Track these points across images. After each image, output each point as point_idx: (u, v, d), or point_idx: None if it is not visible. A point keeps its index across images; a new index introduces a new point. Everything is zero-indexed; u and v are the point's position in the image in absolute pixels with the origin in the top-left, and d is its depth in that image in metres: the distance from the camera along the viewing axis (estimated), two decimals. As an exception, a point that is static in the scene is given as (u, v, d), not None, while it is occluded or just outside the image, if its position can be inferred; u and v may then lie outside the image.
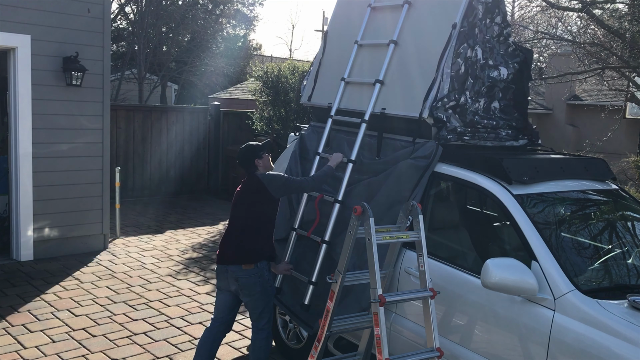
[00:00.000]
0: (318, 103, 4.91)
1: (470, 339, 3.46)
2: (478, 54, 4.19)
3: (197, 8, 21.75)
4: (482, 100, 4.30)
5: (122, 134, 11.37)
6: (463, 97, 4.12)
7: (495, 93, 4.39)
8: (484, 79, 4.28)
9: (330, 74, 4.89)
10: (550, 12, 12.56)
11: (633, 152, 16.56)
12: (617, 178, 7.13)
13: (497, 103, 4.42)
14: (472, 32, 4.16)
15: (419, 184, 3.93)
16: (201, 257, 7.77)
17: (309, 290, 4.24)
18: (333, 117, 4.62)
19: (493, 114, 4.38)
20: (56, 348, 4.86)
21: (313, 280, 4.23)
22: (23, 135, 7.00)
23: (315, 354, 3.73)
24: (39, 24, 7.01)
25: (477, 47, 4.19)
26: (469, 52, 4.12)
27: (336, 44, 4.96)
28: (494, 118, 4.36)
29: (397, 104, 4.21)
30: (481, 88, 4.28)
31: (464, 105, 4.12)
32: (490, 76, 4.33)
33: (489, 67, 4.33)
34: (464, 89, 4.13)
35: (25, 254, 7.16)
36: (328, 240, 4.22)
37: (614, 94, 15.21)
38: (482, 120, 4.25)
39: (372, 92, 4.35)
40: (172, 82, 24.37)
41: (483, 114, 4.31)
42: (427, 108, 3.97)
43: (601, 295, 3.08)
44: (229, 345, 5.09)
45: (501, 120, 4.39)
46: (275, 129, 11.63)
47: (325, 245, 4.22)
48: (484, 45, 4.28)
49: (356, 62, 4.68)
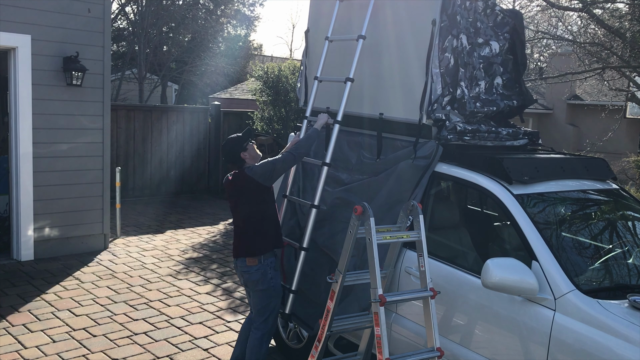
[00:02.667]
0: (314, 107, 4.92)
1: (471, 338, 3.46)
2: (463, 41, 4.09)
3: (197, 8, 21.76)
4: (482, 83, 4.22)
5: (122, 134, 11.38)
6: (459, 89, 4.05)
7: (495, 70, 4.31)
8: (473, 63, 4.18)
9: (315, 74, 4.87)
10: (551, 11, 12.55)
11: (633, 151, 16.56)
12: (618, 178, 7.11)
13: (500, 79, 4.33)
14: (453, 22, 4.05)
15: (420, 184, 3.93)
16: (201, 257, 7.77)
17: (290, 299, 4.21)
18: (308, 118, 4.58)
19: (496, 91, 4.30)
20: (57, 348, 4.86)
21: (293, 288, 4.20)
22: (23, 135, 7.00)
23: (316, 354, 3.73)
24: (40, 23, 7.01)
25: (462, 35, 4.08)
26: (454, 43, 4.02)
27: (318, 42, 4.83)
28: (496, 100, 4.28)
29: (395, 108, 4.17)
30: (474, 72, 4.19)
31: (461, 98, 4.06)
32: (482, 55, 4.22)
33: (479, 46, 4.22)
34: (457, 80, 4.06)
35: (26, 254, 7.16)
36: (306, 247, 4.17)
37: (614, 94, 15.20)
38: (483, 108, 4.17)
39: (344, 90, 4.24)
40: (172, 82, 24.38)
41: (485, 96, 4.23)
42: (424, 113, 3.95)
43: (601, 295, 3.08)
44: (229, 345, 5.09)
45: (504, 100, 4.32)
46: (275, 128, 11.63)
47: (303, 253, 4.18)
48: (468, 31, 4.16)
49: (330, 59, 4.57)
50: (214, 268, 7.32)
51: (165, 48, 22.15)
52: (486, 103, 4.24)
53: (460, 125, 4.00)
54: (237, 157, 4.10)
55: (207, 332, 5.35)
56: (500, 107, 4.30)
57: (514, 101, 4.43)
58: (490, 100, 4.28)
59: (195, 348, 5.00)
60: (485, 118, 4.32)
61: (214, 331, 5.38)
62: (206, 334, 5.31)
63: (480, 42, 4.24)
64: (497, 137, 4.30)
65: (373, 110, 4.31)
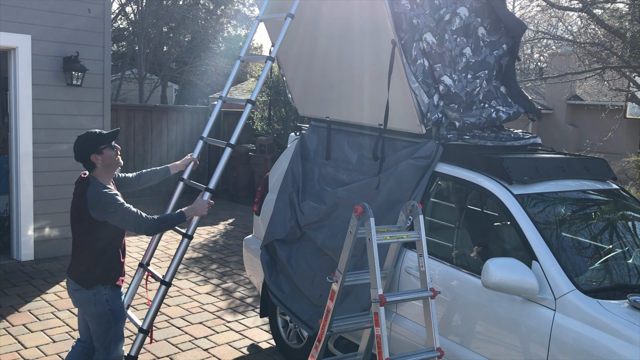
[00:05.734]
0: (314, 117, 4.99)
1: (471, 338, 3.46)
2: (429, 39, 3.96)
3: (197, 8, 21.76)
4: (466, 50, 4.14)
5: (122, 134, 11.37)
6: (441, 85, 4.00)
7: (473, 28, 4.21)
8: (448, 46, 4.07)
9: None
10: (551, 12, 12.55)
11: (633, 151, 16.55)
12: (618, 178, 7.12)
13: (483, 29, 4.23)
14: (413, 28, 3.87)
15: (420, 184, 3.93)
16: (201, 257, 7.77)
17: (138, 340, 3.83)
18: (223, 99, 4.56)
19: (483, 43, 4.23)
20: (57, 348, 4.86)
21: (144, 327, 3.84)
22: (23, 135, 7.00)
23: (316, 354, 3.73)
24: (40, 24, 7.01)
25: (425, 34, 3.93)
26: (421, 46, 3.91)
27: None
28: (486, 57, 4.21)
29: (395, 120, 4.12)
30: (452, 53, 4.08)
31: (447, 92, 4.02)
32: (455, 29, 4.10)
33: (448, 24, 4.06)
34: (439, 78, 4.00)
35: (26, 254, 7.16)
36: (167, 282, 3.87)
37: (614, 94, 15.19)
38: (476, 78, 4.13)
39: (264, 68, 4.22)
40: (172, 82, 24.38)
41: (473, 59, 4.16)
42: (422, 125, 3.94)
43: (602, 295, 3.08)
44: (229, 345, 5.10)
45: (493, 52, 4.27)
46: (275, 128, 11.63)
47: (164, 287, 3.84)
48: (429, 26, 3.98)
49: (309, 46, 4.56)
50: (214, 268, 7.32)
51: (165, 48, 22.16)
52: (477, 67, 4.14)
53: (457, 117, 3.97)
54: (86, 158, 3.42)
55: (207, 332, 5.35)
56: (492, 64, 4.19)
57: (504, 45, 4.33)
58: (480, 61, 4.18)
59: (195, 348, 5.00)
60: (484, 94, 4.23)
61: (214, 331, 5.38)
62: (206, 334, 5.31)
63: (448, 19, 4.06)
64: (497, 137, 4.29)
65: (373, 121, 4.29)
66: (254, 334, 5.39)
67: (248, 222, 10.05)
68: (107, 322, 3.49)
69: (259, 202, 5.33)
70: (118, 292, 3.56)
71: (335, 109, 4.66)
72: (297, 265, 4.47)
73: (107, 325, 3.49)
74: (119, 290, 3.57)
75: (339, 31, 4.23)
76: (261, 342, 5.24)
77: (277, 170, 5.17)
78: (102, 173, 3.48)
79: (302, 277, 4.38)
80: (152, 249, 4.29)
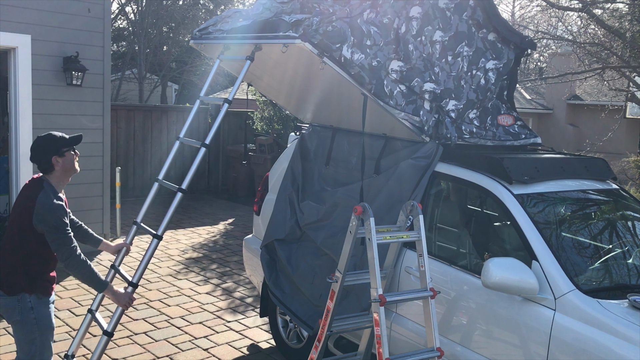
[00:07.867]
0: (321, 123, 5.02)
1: (471, 338, 3.46)
2: (394, 66, 3.89)
3: (197, 8, 21.75)
4: (435, 49, 4.10)
5: (122, 134, 11.38)
6: (426, 94, 4.00)
7: (450, 18, 4.13)
8: (420, 55, 4.01)
9: None
10: (550, 12, 12.56)
11: (633, 151, 16.56)
12: (618, 178, 7.11)
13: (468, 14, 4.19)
14: (377, 71, 3.82)
15: (420, 184, 3.93)
16: (201, 257, 7.77)
17: (102, 344, 3.69)
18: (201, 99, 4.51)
19: (467, 25, 4.19)
20: (57, 348, 4.85)
21: (109, 330, 3.70)
22: (23, 135, 7.00)
23: (316, 354, 3.73)
24: (39, 24, 7.01)
25: (390, 65, 3.88)
26: (392, 76, 3.86)
27: None
28: (473, 36, 4.20)
29: (398, 130, 4.16)
30: (429, 56, 4.04)
31: (435, 95, 4.02)
32: (434, 40, 4.05)
33: (417, 39, 3.99)
34: (421, 88, 4.00)
35: (26, 254, 7.15)
36: (134, 283, 3.78)
37: (614, 94, 15.19)
38: (457, 59, 4.11)
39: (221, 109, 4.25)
40: (172, 82, 24.37)
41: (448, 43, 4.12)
42: (424, 136, 3.96)
43: (601, 295, 3.08)
44: (229, 345, 5.10)
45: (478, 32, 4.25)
46: (275, 128, 11.63)
47: (131, 288, 3.72)
48: (397, 54, 3.92)
49: None
50: (214, 268, 7.32)
51: (165, 48, 22.14)
52: (452, 44, 4.09)
53: (453, 109, 3.98)
54: (47, 159, 3.29)
55: (207, 332, 5.35)
56: (465, 31, 4.14)
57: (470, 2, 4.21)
58: (453, 35, 4.12)
59: (195, 348, 5.00)
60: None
61: (214, 331, 5.38)
62: (206, 333, 5.31)
63: (404, 30, 3.93)
64: (496, 136, 4.29)
65: (377, 131, 4.31)
66: (253, 333, 5.39)
67: (248, 222, 10.06)
68: (30, 331, 3.29)
69: (258, 202, 5.33)
70: (45, 300, 3.35)
71: (344, 119, 4.68)
72: (297, 265, 4.47)
73: (31, 335, 3.29)
74: (46, 299, 3.36)
75: (314, 74, 4.03)
76: (261, 342, 5.24)
77: (277, 170, 5.17)
78: (58, 178, 3.36)
79: (302, 276, 4.38)
80: (123, 253, 4.13)
